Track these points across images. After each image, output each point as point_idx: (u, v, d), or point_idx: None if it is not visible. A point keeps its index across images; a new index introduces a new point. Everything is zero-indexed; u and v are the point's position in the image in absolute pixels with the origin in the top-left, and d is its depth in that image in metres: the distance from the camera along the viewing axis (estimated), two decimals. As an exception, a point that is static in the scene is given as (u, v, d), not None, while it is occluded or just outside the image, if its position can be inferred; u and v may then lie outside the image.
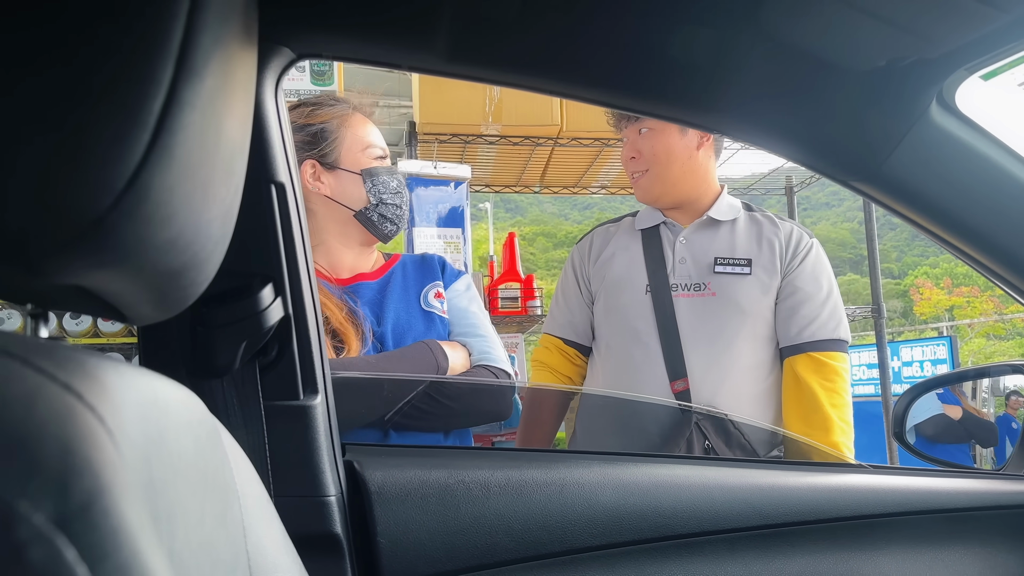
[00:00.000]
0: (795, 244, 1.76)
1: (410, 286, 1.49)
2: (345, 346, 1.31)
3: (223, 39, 0.38)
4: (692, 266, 1.76)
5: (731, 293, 1.71)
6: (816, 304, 1.71)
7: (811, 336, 1.69)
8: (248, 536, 0.50)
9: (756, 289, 1.71)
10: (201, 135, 0.36)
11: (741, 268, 1.73)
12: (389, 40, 0.74)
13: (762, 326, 1.72)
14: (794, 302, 1.71)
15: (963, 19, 0.71)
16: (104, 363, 0.36)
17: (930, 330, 16.75)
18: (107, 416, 0.29)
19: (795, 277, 1.72)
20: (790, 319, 1.71)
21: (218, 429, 0.50)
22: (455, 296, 1.52)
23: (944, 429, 1.61)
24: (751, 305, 1.70)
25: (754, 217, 1.82)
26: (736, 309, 1.70)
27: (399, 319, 1.41)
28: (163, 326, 0.74)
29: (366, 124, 1.46)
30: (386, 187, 1.43)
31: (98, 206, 0.32)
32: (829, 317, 1.71)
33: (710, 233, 1.79)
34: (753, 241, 1.77)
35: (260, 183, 0.75)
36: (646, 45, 0.76)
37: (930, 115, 0.84)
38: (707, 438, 1.63)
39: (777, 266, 1.73)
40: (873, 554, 0.99)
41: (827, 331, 1.69)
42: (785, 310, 1.72)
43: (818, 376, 1.67)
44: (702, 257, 1.76)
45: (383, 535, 0.83)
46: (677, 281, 1.75)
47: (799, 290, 1.71)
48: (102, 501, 0.25)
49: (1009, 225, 0.92)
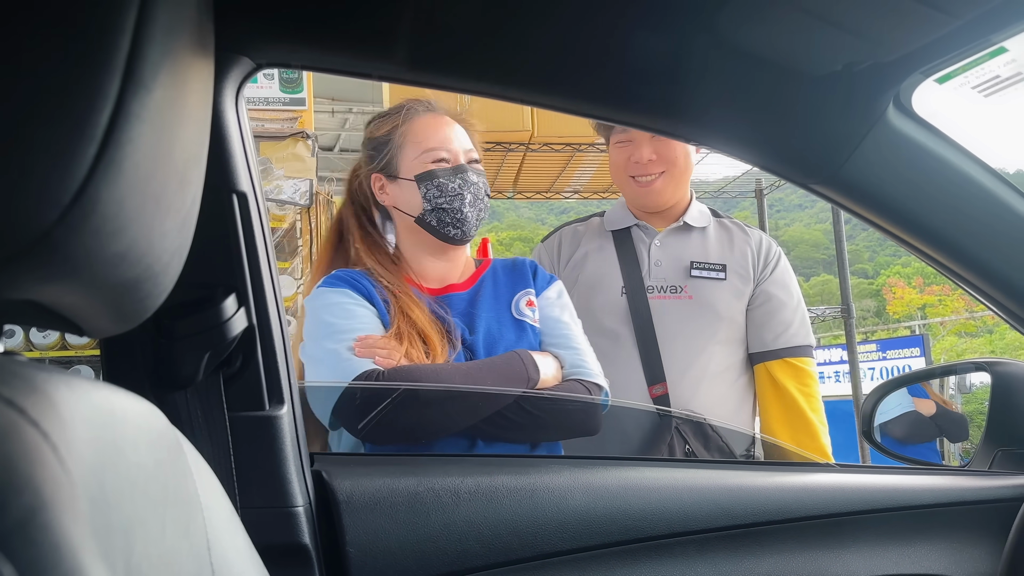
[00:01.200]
0: (766, 252, 1.79)
1: (501, 294, 1.47)
2: (431, 351, 1.30)
3: (173, 50, 0.38)
4: (668, 269, 1.77)
5: (707, 297, 1.73)
6: (789, 311, 1.75)
7: (787, 342, 1.73)
8: (212, 548, 0.49)
9: (730, 294, 1.74)
10: (152, 147, 0.36)
11: (716, 273, 1.75)
12: (349, 49, 0.74)
13: (735, 330, 1.75)
14: (768, 309, 1.74)
15: (915, 24, 0.72)
16: (54, 377, 0.36)
17: (903, 329, 16.97)
18: (52, 431, 0.29)
19: (768, 285, 1.76)
20: (764, 325, 1.74)
21: (180, 441, 0.50)
22: (547, 304, 1.48)
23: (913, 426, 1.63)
24: (726, 309, 1.73)
25: (723, 224, 1.85)
26: (712, 313, 1.72)
27: (490, 329, 1.39)
28: (125, 339, 0.73)
29: (429, 128, 1.44)
30: (442, 190, 1.40)
31: (44, 220, 0.31)
32: (800, 324, 1.75)
33: (684, 238, 1.81)
34: (726, 247, 1.79)
35: (221, 193, 0.75)
36: (606, 52, 0.77)
37: (888, 118, 0.86)
38: (687, 442, 1.64)
39: (750, 273, 1.76)
40: (841, 552, 1.01)
41: (800, 337, 1.74)
42: (759, 316, 1.75)
43: (796, 382, 1.71)
44: (678, 261, 1.77)
45: (352, 544, 0.83)
46: (653, 283, 1.76)
47: (773, 297, 1.75)
48: (41, 517, 0.25)
49: (965, 225, 0.94)
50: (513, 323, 1.41)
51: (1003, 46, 0.76)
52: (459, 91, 0.83)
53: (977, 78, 0.84)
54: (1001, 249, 0.95)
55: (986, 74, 0.83)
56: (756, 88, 0.82)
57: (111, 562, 0.31)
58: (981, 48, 0.76)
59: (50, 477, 0.26)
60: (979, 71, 0.82)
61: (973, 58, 0.79)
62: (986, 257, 0.96)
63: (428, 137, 1.43)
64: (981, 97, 0.87)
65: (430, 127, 1.44)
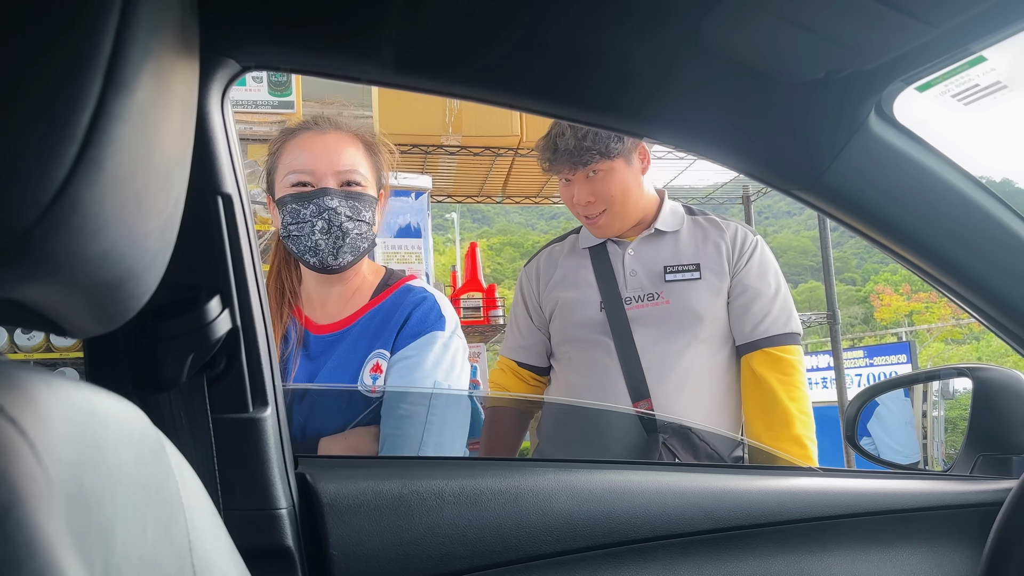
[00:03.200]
0: (740, 243, 1.79)
1: (359, 349, 1.33)
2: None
3: (156, 51, 0.38)
4: (644, 277, 1.78)
5: (684, 299, 1.74)
6: (766, 300, 1.75)
7: (765, 332, 1.73)
8: (194, 550, 0.49)
9: (707, 292, 1.75)
10: (134, 147, 0.36)
11: (691, 274, 1.76)
12: (336, 52, 0.74)
13: (717, 327, 1.75)
14: (745, 300, 1.75)
15: (895, 32, 0.73)
16: (33, 376, 0.36)
17: (890, 336, 17.05)
18: (29, 429, 0.29)
19: (744, 276, 1.76)
20: (743, 317, 1.75)
21: (162, 442, 0.50)
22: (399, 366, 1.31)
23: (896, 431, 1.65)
24: (705, 309, 1.74)
25: (697, 221, 1.85)
26: (691, 314, 1.73)
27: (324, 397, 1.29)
28: (109, 340, 0.73)
29: (299, 148, 1.35)
30: (294, 215, 1.30)
31: (24, 219, 0.32)
32: (780, 312, 1.75)
33: (656, 244, 1.82)
34: (699, 245, 1.80)
35: (206, 195, 0.75)
36: (590, 57, 0.78)
37: (869, 125, 0.87)
38: (676, 456, 1.64)
39: (725, 267, 1.77)
40: (823, 555, 1.01)
41: (779, 326, 1.73)
42: (737, 309, 1.75)
43: (775, 371, 1.70)
44: (652, 267, 1.79)
45: (336, 547, 0.83)
46: (630, 294, 1.78)
47: (749, 288, 1.75)
48: (16, 513, 0.25)
49: (946, 231, 0.95)
50: (348, 394, 1.30)
51: (982, 55, 0.78)
52: (446, 95, 0.84)
53: (957, 86, 0.85)
54: (982, 256, 0.96)
55: (966, 83, 0.84)
56: (738, 94, 0.83)
57: (88, 560, 0.31)
58: (961, 57, 0.77)
59: (26, 473, 0.27)
60: (959, 79, 0.84)
61: (953, 67, 0.80)
62: (967, 263, 0.97)
63: (294, 158, 1.34)
64: (961, 105, 0.89)
65: (300, 147, 1.35)
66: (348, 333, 1.35)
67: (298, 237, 1.31)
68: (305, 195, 1.31)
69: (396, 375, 1.30)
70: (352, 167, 1.34)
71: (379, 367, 1.31)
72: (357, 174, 1.34)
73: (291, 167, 1.33)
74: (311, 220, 1.30)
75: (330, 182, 1.32)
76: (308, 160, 1.33)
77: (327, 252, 1.31)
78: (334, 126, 1.37)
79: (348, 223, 1.31)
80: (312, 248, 1.31)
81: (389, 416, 1.26)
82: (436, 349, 1.33)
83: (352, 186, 1.33)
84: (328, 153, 1.33)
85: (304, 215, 1.30)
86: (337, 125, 1.37)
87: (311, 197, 1.30)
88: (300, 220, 1.30)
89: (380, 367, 1.31)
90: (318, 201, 1.30)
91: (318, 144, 1.34)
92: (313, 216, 1.30)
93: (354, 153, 1.35)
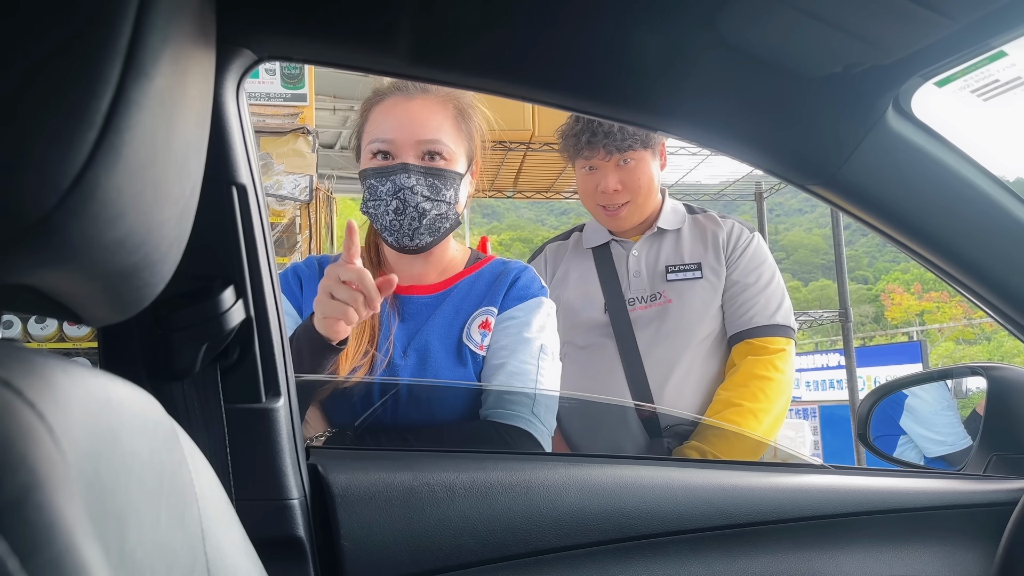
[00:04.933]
0: (736, 238, 1.81)
1: (464, 307, 1.31)
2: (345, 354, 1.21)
3: (174, 39, 0.38)
4: (646, 278, 1.80)
5: (686, 298, 1.76)
6: (754, 292, 1.76)
7: (747, 323, 1.74)
8: (207, 539, 0.49)
9: (708, 291, 1.76)
10: (151, 135, 0.36)
11: (692, 272, 1.78)
12: (351, 43, 0.74)
13: (716, 326, 1.77)
14: (734, 293, 1.77)
15: (915, 27, 0.72)
16: (52, 362, 0.36)
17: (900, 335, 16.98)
18: (48, 413, 0.29)
19: (734, 271, 1.78)
20: (731, 310, 1.77)
21: (176, 431, 0.50)
22: (506, 325, 1.30)
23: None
24: (705, 308, 1.75)
25: (697, 219, 1.87)
26: (692, 313, 1.75)
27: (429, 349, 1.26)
28: (123, 329, 0.73)
29: (383, 112, 1.30)
30: (372, 192, 1.27)
31: (43, 205, 0.32)
32: (767, 304, 1.75)
33: (659, 243, 1.83)
34: (699, 243, 1.82)
35: (221, 184, 0.75)
36: (606, 50, 0.77)
37: (887, 121, 0.86)
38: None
39: (722, 263, 1.78)
40: (834, 553, 1.01)
41: (763, 317, 1.74)
42: (727, 302, 1.78)
43: (751, 355, 1.71)
44: (654, 267, 1.80)
45: (347, 538, 0.83)
46: (634, 295, 1.79)
47: (737, 282, 1.77)
48: (36, 495, 0.25)
49: (963, 229, 0.94)
50: (454, 347, 1.28)
51: (1003, 50, 0.77)
52: (460, 87, 0.83)
53: (976, 82, 0.84)
54: (999, 253, 0.95)
55: (985, 78, 0.84)
56: (755, 89, 0.82)
57: (105, 546, 0.31)
58: (981, 52, 0.77)
59: (45, 457, 0.27)
60: (979, 75, 0.83)
61: (972, 62, 0.79)
62: (984, 261, 0.96)
63: (377, 126, 1.29)
64: (980, 101, 0.88)
65: (384, 113, 1.29)
66: (449, 295, 1.33)
67: (375, 215, 1.28)
68: (382, 170, 1.26)
69: (504, 334, 1.29)
70: (435, 137, 1.27)
71: (488, 324, 1.30)
72: (440, 144, 1.27)
73: (373, 135, 1.29)
74: (386, 199, 1.26)
75: (410, 154, 1.26)
76: (390, 129, 1.28)
77: (403, 233, 1.27)
78: (422, 90, 1.29)
79: (425, 203, 1.26)
80: (388, 227, 1.27)
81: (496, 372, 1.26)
82: (542, 313, 1.33)
83: (435, 159, 1.27)
84: (411, 122, 1.27)
85: (380, 193, 1.26)
86: (426, 90, 1.30)
87: (388, 173, 1.26)
88: (377, 197, 1.27)
89: (489, 324, 1.30)
90: (395, 178, 1.25)
91: (401, 111, 1.28)
92: (388, 195, 1.26)
93: (440, 121, 1.28)
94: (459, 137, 1.31)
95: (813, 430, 6.27)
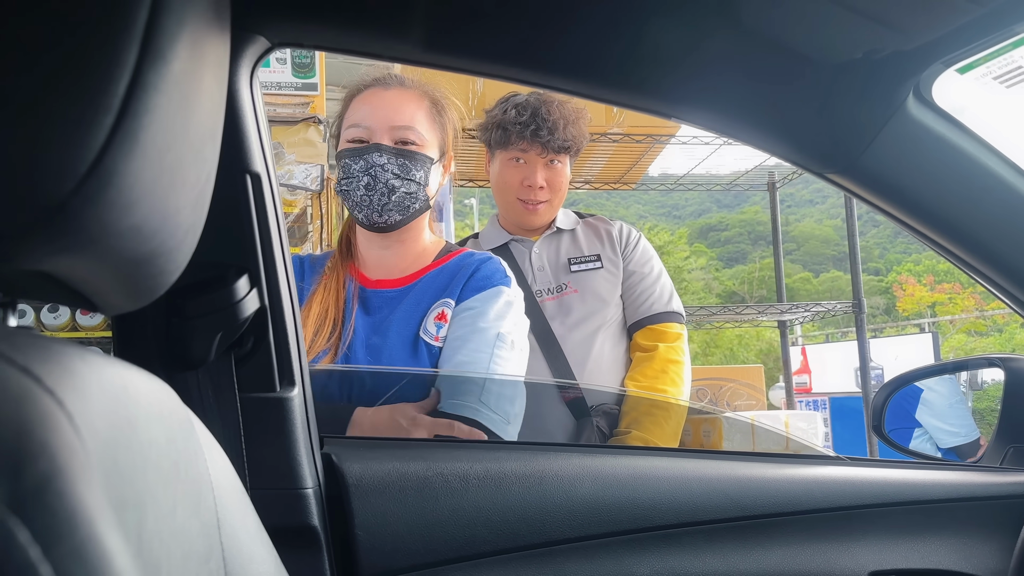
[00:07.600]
0: (627, 235, 1.97)
1: (424, 300, 1.33)
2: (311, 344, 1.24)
3: (190, 23, 0.37)
4: (550, 272, 1.92)
5: (590, 287, 1.89)
6: (650, 282, 1.91)
7: (648, 311, 1.89)
8: (222, 527, 0.49)
9: (608, 279, 1.90)
10: (168, 120, 0.36)
11: (592, 263, 1.92)
12: (365, 29, 0.73)
13: (619, 312, 1.91)
14: (632, 283, 1.91)
15: (938, 12, 0.71)
16: (70, 350, 0.36)
17: (912, 327, 16.88)
18: (67, 400, 0.29)
19: (630, 263, 1.93)
20: (631, 299, 1.91)
21: (191, 420, 0.50)
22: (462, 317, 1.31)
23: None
24: (608, 294, 1.88)
25: (588, 221, 2.03)
26: (597, 300, 1.87)
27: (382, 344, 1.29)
28: (138, 317, 0.73)
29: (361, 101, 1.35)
30: (346, 171, 1.32)
31: (60, 190, 0.31)
32: (661, 293, 1.90)
33: (558, 241, 1.96)
34: (595, 239, 1.97)
35: (235, 173, 0.75)
36: (623, 36, 0.77)
37: (907, 108, 0.85)
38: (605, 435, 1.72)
39: (619, 254, 1.93)
40: (850, 545, 1.00)
41: (660, 305, 1.90)
42: (627, 292, 1.91)
43: (658, 341, 1.85)
44: (557, 261, 1.93)
45: (361, 527, 0.83)
46: (540, 287, 1.90)
47: (634, 273, 1.92)
48: (57, 483, 0.25)
49: (985, 219, 0.93)
50: (410, 340, 1.30)
51: (1026, 36, 0.75)
52: (473, 74, 0.83)
53: (999, 68, 0.83)
54: (1020, 243, 0.94)
55: (1009, 64, 0.82)
56: (773, 74, 0.81)
57: (125, 534, 0.31)
58: (1004, 38, 0.75)
59: (65, 444, 0.26)
60: (1001, 61, 0.81)
61: (995, 48, 0.78)
62: (1004, 251, 0.95)
63: (354, 113, 1.35)
64: (1003, 88, 0.86)
65: (362, 102, 1.35)
66: (412, 289, 1.36)
67: (347, 192, 1.32)
68: (355, 151, 1.31)
69: (459, 324, 1.31)
70: (408, 124, 1.32)
71: (444, 315, 1.32)
72: (413, 132, 1.33)
73: (350, 121, 1.34)
74: (358, 175, 1.31)
75: (384, 139, 1.31)
76: (366, 115, 1.33)
77: (373, 209, 1.31)
78: (399, 83, 1.36)
79: (395, 180, 1.31)
80: (358, 203, 1.32)
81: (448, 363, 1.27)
82: (501, 302, 1.34)
83: (408, 144, 1.32)
84: (386, 109, 1.33)
85: (353, 171, 1.31)
86: (402, 82, 1.37)
87: (361, 153, 1.31)
88: (349, 175, 1.31)
89: (445, 315, 1.32)
90: (367, 157, 1.30)
91: (378, 100, 1.34)
92: (360, 172, 1.30)
93: (414, 111, 1.34)
94: (432, 127, 1.36)
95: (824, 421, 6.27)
